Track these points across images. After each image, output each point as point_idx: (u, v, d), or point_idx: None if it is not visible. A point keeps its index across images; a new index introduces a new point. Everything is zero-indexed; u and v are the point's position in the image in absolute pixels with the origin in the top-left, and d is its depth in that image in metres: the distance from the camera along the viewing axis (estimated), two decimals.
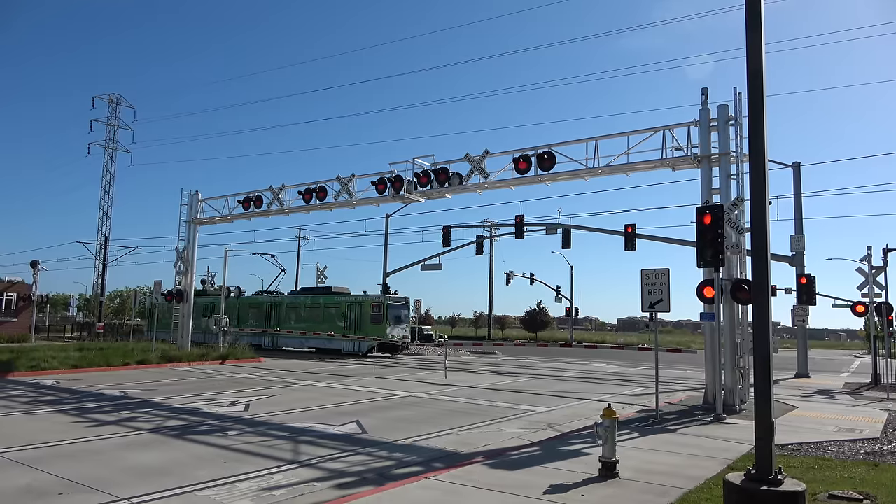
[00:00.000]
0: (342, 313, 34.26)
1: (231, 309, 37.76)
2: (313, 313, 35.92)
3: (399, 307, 34.08)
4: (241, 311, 39.34)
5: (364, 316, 33.21)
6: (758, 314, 6.15)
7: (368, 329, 32.81)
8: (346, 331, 33.63)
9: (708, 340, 15.00)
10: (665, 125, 16.44)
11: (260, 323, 38.14)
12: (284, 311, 37.30)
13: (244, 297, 40.51)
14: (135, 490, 7.21)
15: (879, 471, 8.63)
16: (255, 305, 39.34)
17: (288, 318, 36.91)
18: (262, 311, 38.63)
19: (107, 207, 62.61)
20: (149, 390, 16.76)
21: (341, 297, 35.33)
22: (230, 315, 37.78)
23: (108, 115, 65.73)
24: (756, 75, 6.19)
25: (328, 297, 36.05)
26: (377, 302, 33.21)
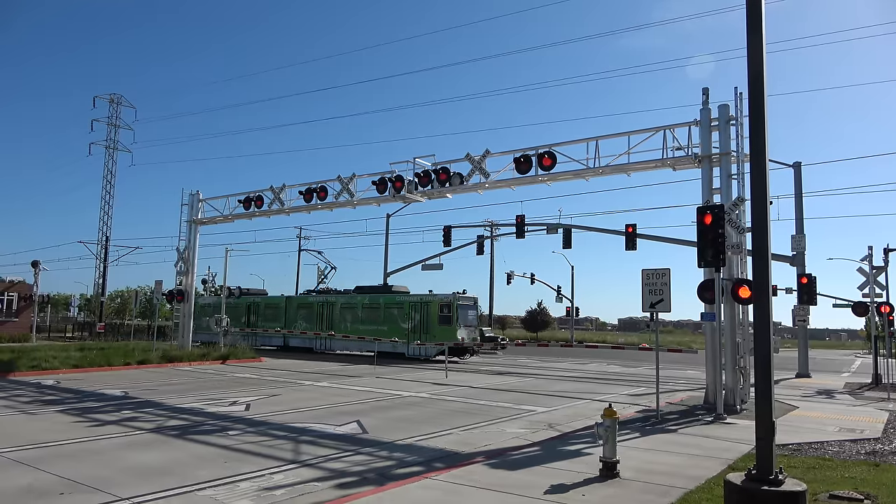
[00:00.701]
0: (406, 314, 31.64)
1: (277, 310, 37.04)
2: (372, 314, 33.24)
3: (468, 307, 31.48)
4: (289, 311, 36.92)
5: (431, 317, 30.58)
6: (758, 314, 6.15)
7: (436, 331, 30.23)
8: (411, 333, 31.19)
9: (709, 340, 15.00)
10: (666, 125, 16.45)
11: (310, 325, 35.51)
12: (339, 312, 34.46)
13: (293, 296, 38.41)
14: (136, 490, 7.22)
15: (880, 471, 8.63)
16: (305, 306, 36.45)
17: (343, 320, 34.16)
18: (313, 311, 35.75)
19: (108, 207, 62.70)
20: (150, 390, 16.77)
21: (404, 297, 32.79)
22: (276, 317, 36.93)
23: (108, 115, 65.85)
24: (757, 77, 6.20)
25: (389, 296, 33.46)
26: (446, 302, 30.46)
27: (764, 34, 6.23)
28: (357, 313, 33.84)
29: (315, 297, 36.87)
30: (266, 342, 37.24)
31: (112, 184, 63.86)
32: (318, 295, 37.14)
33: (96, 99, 65.62)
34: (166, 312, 48.91)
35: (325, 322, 34.80)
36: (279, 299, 37.86)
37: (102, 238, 58.46)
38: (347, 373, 23.47)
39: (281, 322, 36.62)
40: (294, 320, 36.27)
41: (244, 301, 39.07)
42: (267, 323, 37.40)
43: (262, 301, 38.86)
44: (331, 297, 35.58)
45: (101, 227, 61.22)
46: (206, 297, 42.09)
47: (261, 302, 38.76)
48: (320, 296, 36.78)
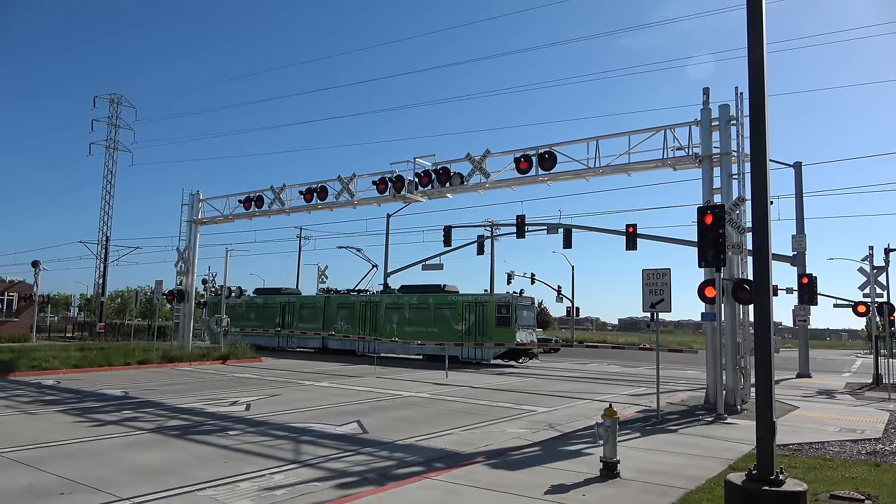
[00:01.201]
0: (459, 315, 29.63)
1: (314, 310, 35.18)
2: (420, 315, 31.11)
3: (526, 308, 29.67)
4: (328, 312, 34.64)
5: (488, 318, 28.72)
6: (759, 314, 6.14)
7: (493, 333, 28.47)
8: (465, 335, 29.30)
9: (709, 340, 14.99)
10: (666, 125, 16.45)
11: (352, 326, 33.35)
12: (384, 313, 32.37)
13: (332, 296, 35.76)
14: (136, 490, 7.21)
15: (881, 471, 8.62)
16: (346, 306, 34.08)
17: (388, 321, 32.04)
18: (355, 312, 33.51)
19: (108, 207, 62.72)
20: (150, 390, 16.77)
21: (456, 297, 30.68)
22: (314, 317, 34.86)
23: (108, 115, 65.87)
24: (757, 71, 6.18)
25: (440, 296, 31.21)
26: (504, 302, 28.82)
27: (764, 30, 6.22)
28: (404, 314, 31.77)
29: (357, 296, 34.72)
30: (302, 344, 35.58)
31: (112, 184, 63.91)
32: (361, 294, 35.12)
33: (96, 99, 65.68)
34: (166, 312, 48.90)
35: (368, 323, 32.81)
36: (317, 299, 35.96)
37: (103, 238, 58.48)
38: (348, 373, 23.46)
39: (319, 323, 34.65)
40: (334, 321, 34.21)
41: (278, 301, 37.31)
42: (303, 324, 35.40)
43: (298, 301, 36.79)
44: (374, 297, 33.68)
45: (101, 227, 61.26)
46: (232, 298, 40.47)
47: (296, 302, 36.70)
48: (363, 295, 34.74)
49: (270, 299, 37.89)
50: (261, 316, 37.47)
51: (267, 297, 38.58)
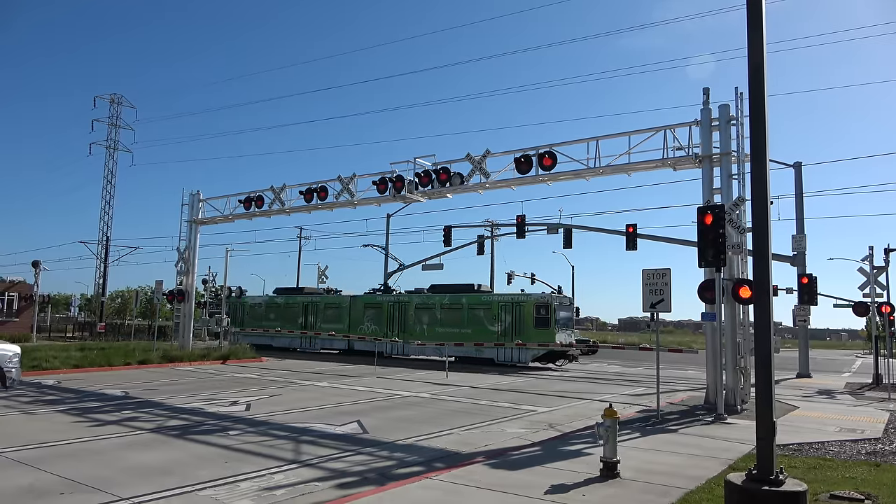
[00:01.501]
0: (494, 316, 28.55)
1: (339, 310, 34.16)
2: (452, 316, 29.95)
3: (565, 308, 28.71)
4: (353, 312, 33.62)
5: (525, 319, 27.56)
6: (759, 314, 6.14)
7: (532, 334, 27.27)
8: (501, 337, 28.18)
9: (709, 340, 14.99)
10: (666, 125, 16.46)
11: (379, 327, 32.17)
12: (413, 313, 31.32)
13: (358, 295, 34.65)
14: (136, 490, 7.22)
15: (881, 471, 8.62)
16: (373, 306, 33.06)
17: (417, 322, 31.00)
18: (382, 312, 32.49)
19: (108, 207, 62.74)
20: (150, 390, 16.77)
21: (491, 297, 29.87)
22: (339, 318, 33.86)
23: (109, 116, 65.89)
24: (757, 71, 6.18)
25: (474, 296, 30.24)
26: (543, 302, 27.65)
27: (764, 30, 6.22)
28: (435, 314, 30.61)
29: (385, 296, 33.75)
30: (326, 346, 34.53)
31: (112, 184, 63.94)
32: (389, 294, 34.19)
33: (97, 99, 65.70)
34: (167, 312, 48.91)
35: (396, 324, 31.77)
36: (342, 299, 34.90)
37: (103, 238, 58.50)
38: (348, 373, 23.47)
39: (344, 324, 33.52)
40: (360, 322, 33.12)
41: (300, 301, 36.21)
42: (328, 324, 34.21)
43: (322, 300, 35.56)
44: (403, 297, 32.66)
45: (101, 227, 61.28)
46: (255, 297, 39.70)
47: (320, 301, 35.49)
48: (391, 295, 33.79)
49: (292, 299, 36.85)
50: (282, 316, 36.48)
51: (288, 296, 37.49)
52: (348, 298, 34.39)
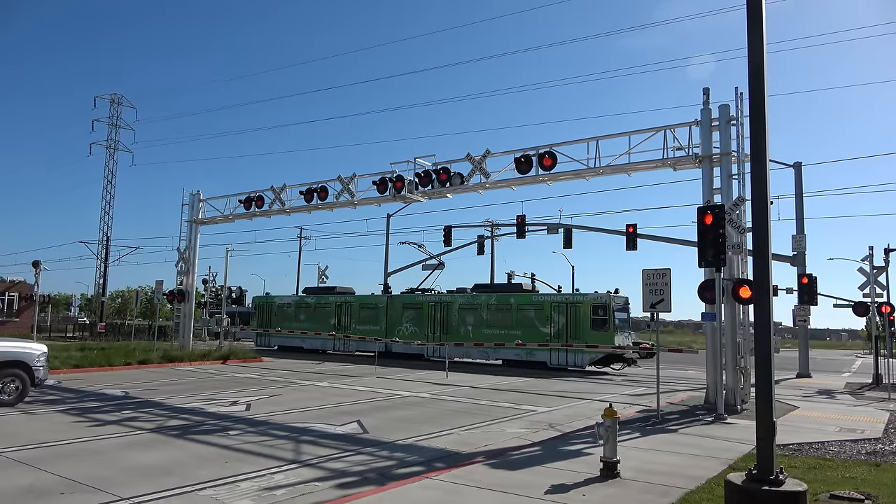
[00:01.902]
0: (547, 317, 26.94)
1: (376, 311, 32.66)
2: (500, 317, 28.39)
3: (623, 308, 27.00)
4: (391, 313, 32.05)
5: (582, 320, 25.94)
6: (759, 314, 6.14)
7: (588, 336, 25.59)
8: (555, 339, 26.52)
9: (709, 340, 15.00)
10: (666, 125, 16.47)
11: (419, 329, 30.65)
12: (456, 314, 29.71)
13: (396, 295, 33.18)
14: (136, 490, 7.22)
15: (881, 471, 8.63)
16: (413, 306, 31.49)
17: (462, 323, 29.43)
18: (423, 313, 30.84)
19: (108, 207, 62.88)
20: (150, 390, 16.78)
21: (542, 297, 28.29)
22: (375, 319, 32.38)
23: (109, 115, 66.05)
24: (757, 71, 6.18)
25: (523, 296, 28.91)
26: (601, 302, 25.97)
27: (764, 30, 6.22)
28: (480, 315, 29.04)
29: (425, 296, 32.15)
30: (362, 348, 32.39)
31: (113, 184, 64.07)
32: (430, 294, 32.51)
33: (97, 99, 66.00)
34: (167, 312, 48.94)
35: (438, 325, 30.12)
36: (379, 299, 33.30)
37: (103, 238, 58.59)
38: (348, 373, 23.47)
39: (381, 325, 31.98)
40: (398, 323, 31.57)
41: (333, 301, 34.48)
42: (363, 326, 32.61)
43: (357, 301, 33.93)
44: (445, 297, 30.91)
45: (101, 227, 61.45)
46: (284, 296, 38.15)
47: (354, 302, 33.87)
48: (432, 295, 32.14)
49: (324, 299, 35.23)
50: (312, 317, 34.95)
51: (320, 296, 35.89)
52: (385, 298, 32.98)
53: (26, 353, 13.71)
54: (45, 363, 14.14)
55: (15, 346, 13.96)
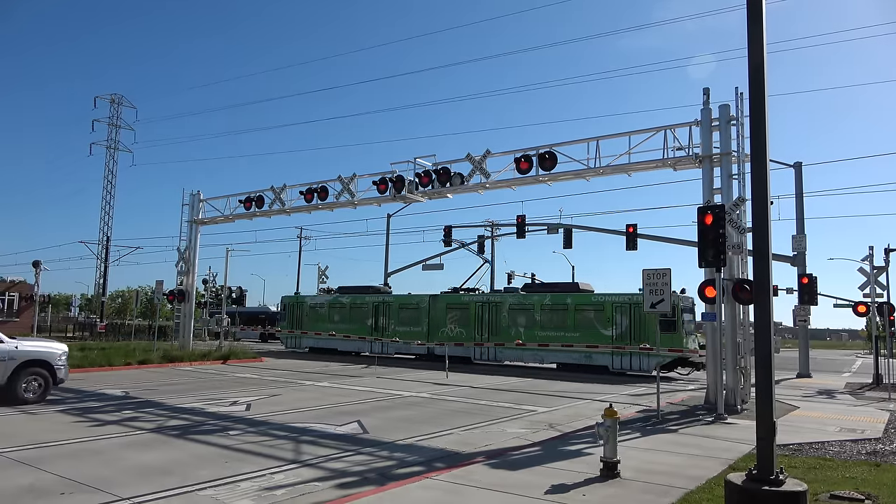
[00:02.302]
0: (608, 318, 25.22)
1: (417, 311, 31.06)
2: (555, 318, 26.59)
3: (689, 310, 25.26)
4: (434, 314, 30.39)
5: (647, 321, 24.01)
6: (759, 314, 6.14)
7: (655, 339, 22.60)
8: (617, 341, 24.92)
9: (709, 340, 15.00)
10: (666, 125, 16.47)
11: (465, 330, 29.10)
12: (506, 315, 28.09)
13: (439, 295, 31.41)
14: (136, 490, 7.22)
15: (881, 471, 8.62)
16: (458, 307, 29.81)
17: (513, 325, 27.78)
18: (470, 314, 29.25)
19: (108, 207, 62.92)
20: (150, 390, 16.78)
21: (603, 297, 26.09)
22: (416, 320, 30.84)
23: (109, 116, 66.06)
24: (757, 71, 6.18)
25: (581, 296, 26.92)
26: None
27: (765, 30, 6.22)
28: (533, 316, 27.31)
29: (472, 296, 30.56)
30: (402, 350, 31.05)
31: (113, 184, 64.12)
32: (477, 294, 31.02)
33: (97, 99, 66.02)
34: (167, 312, 48.95)
35: (486, 327, 28.57)
36: (420, 298, 31.51)
37: (103, 238, 58.63)
38: (348, 373, 23.47)
39: (423, 326, 30.48)
40: (441, 325, 29.90)
41: (370, 301, 33.02)
42: (403, 327, 31.19)
43: (396, 300, 32.35)
44: (494, 297, 29.48)
45: (101, 227, 61.48)
46: (316, 296, 36.46)
47: (394, 302, 32.29)
48: (479, 294, 30.72)
49: (360, 299, 33.67)
50: (347, 318, 33.50)
51: (356, 296, 34.17)
52: (427, 298, 31.18)
53: (49, 353, 14.12)
54: (66, 363, 14.50)
55: (38, 346, 14.40)
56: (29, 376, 13.64)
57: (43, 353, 14.04)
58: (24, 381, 13.57)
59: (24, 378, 13.56)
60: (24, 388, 13.58)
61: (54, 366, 14.06)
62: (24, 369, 13.56)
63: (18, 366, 13.49)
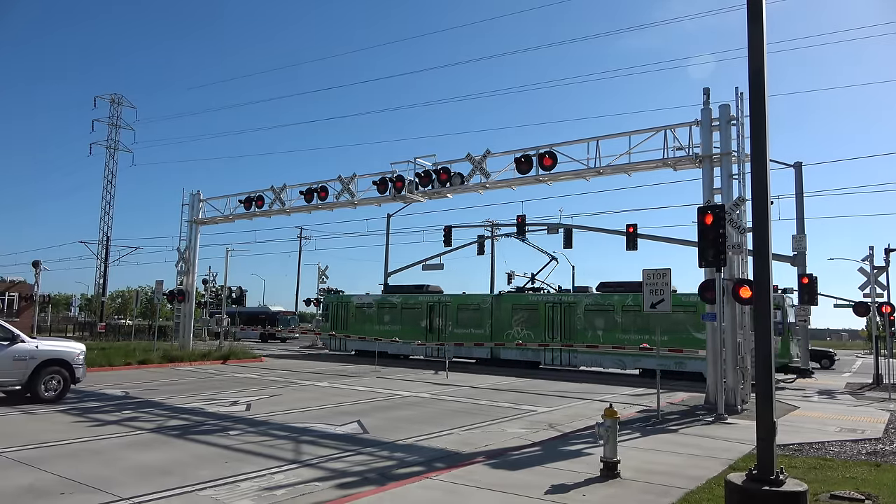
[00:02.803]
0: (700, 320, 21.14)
1: (479, 312, 29.12)
2: (639, 320, 24.27)
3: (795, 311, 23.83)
4: (498, 315, 28.58)
5: None
6: (759, 314, 6.14)
7: None
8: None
9: (709, 340, 15.00)
10: (667, 125, 16.46)
11: (534, 332, 27.22)
12: (581, 317, 26.03)
13: (503, 294, 30.09)
14: (136, 490, 7.22)
15: (881, 471, 8.62)
16: (526, 307, 27.89)
17: (590, 327, 25.70)
18: (540, 315, 27.24)
19: (108, 207, 62.90)
20: (150, 390, 16.78)
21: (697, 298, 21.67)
22: (478, 321, 28.99)
23: (109, 116, 66.06)
24: (758, 71, 6.18)
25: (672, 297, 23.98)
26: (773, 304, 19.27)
27: (765, 30, 6.22)
28: (613, 318, 25.18)
29: (541, 296, 28.67)
30: (461, 354, 28.84)
31: (113, 184, 64.13)
32: (547, 294, 29.10)
33: (97, 99, 66.01)
34: (167, 312, 48.96)
35: (559, 329, 26.60)
36: (482, 298, 29.80)
37: (103, 238, 58.62)
38: (348, 373, 23.48)
39: (485, 328, 28.67)
40: (506, 326, 28.08)
41: (423, 300, 31.09)
42: (462, 329, 29.33)
43: (455, 301, 30.24)
44: (568, 297, 27.17)
45: (101, 227, 61.46)
46: (362, 295, 34.27)
47: (451, 302, 30.21)
48: (550, 294, 28.73)
49: (412, 298, 31.75)
50: (397, 319, 31.71)
51: (407, 295, 32.23)
52: (490, 298, 29.51)
53: (68, 353, 14.45)
54: (83, 362, 14.76)
55: (58, 345, 14.76)
56: (48, 375, 13.94)
57: (62, 352, 14.35)
58: (44, 380, 13.86)
59: (44, 377, 13.86)
60: (44, 387, 13.85)
61: (73, 365, 14.34)
62: (43, 368, 13.87)
63: (38, 365, 13.79)
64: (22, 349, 13.61)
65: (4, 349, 13.39)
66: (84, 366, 14.76)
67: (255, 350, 32.19)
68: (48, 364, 13.94)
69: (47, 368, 13.92)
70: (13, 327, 14.31)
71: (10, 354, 13.40)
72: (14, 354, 13.47)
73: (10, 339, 13.60)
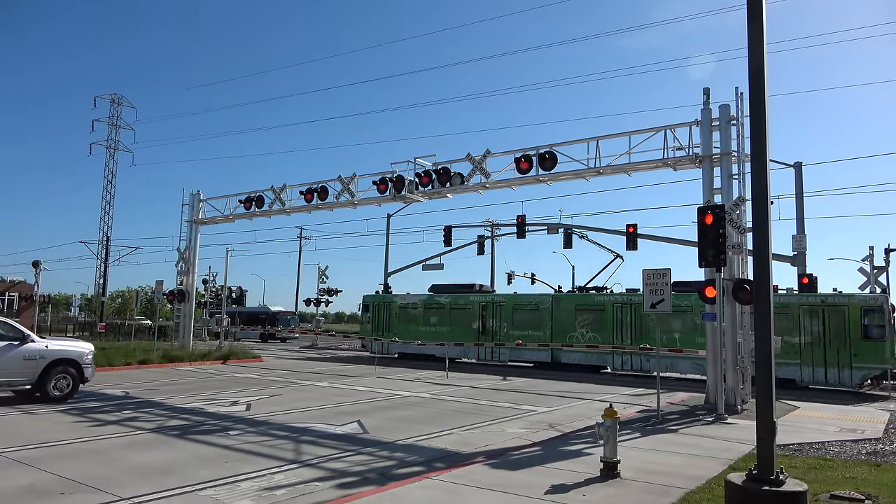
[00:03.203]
0: (795, 323, 21.51)
1: (538, 313, 27.77)
2: None
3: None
4: (558, 316, 27.12)
5: (848, 328, 20.54)
6: (759, 314, 6.14)
7: (857, 349, 20.23)
8: (806, 350, 21.29)
9: (709, 340, 14.99)
10: (667, 125, 16.45)
11: (600, 334, 25.82)
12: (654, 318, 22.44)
13: (564, 294, 29.01)
14: (136, 490, 7.22)
15: (881, 471, 8.62)
16: (589, 308, 26.58)
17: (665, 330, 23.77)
18: (605, 316, 26.01)
19: (108, 207, 62.92)
20: (150, 390, 16.78)
21: (788, 298, 22.81)
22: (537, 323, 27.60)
23: (109, 116, 66.09)
24: (758, 72, 6.19)
25: None
26: (874, 306, 20.50)
27: (765, 30, 6.22)
28: (691, 320, 23.38)
29: (607, 296, 27.27)
30: (517, 357, 28.05)
31: (113, 184, 64.17)
32: (615, 294, 27.47)
33: (97, 99, 66.12)
34: (167, 312, 48.94)
35: (629, 332, 25.33)
36: (540, 299, 28.37)
37: (103, 238, 58.66)
38: (348, 373, 23.47)
39: (544, 330, 27.27)
40: (568, 328, 26.73)
41: (475, 301, 29.72)
42: (518, 331, 27.96)
43: (510, 301, 29.05)
44: (638, 297, 24.09)
45: (101, 227, 61.48)
46: (407, 295, 32.66)
47: (506, 302, 29.00)
48: (616, 295, 27.06)
49: (462, 298, 30.29)
50: (446, 320, 30.30)
51: (457, 295, 30.74)
52: (550, 298, 28.03)
53: (77, 352, 14.56)
54: (92, 362, 14.88)
55: (67, 345, 14.87)
56: (58, 375, 14.03)
57: (71, 352, 14.46)
58: (54, 380, 13.95)
59: (54, 376, 13.95)
60: (54, 387, 13.95)
61: (82, 364, 14.46)
62: (53, 368, 13.96)
63: (48, 364, 13.87)
64: (32, 349, 13.68)
65: (15, 349, 13.45)
66: (93, 365, 14.87)
67: (255, 350, 32.22)
68: (57, 364, 14.04)
69: (57, 368, 14.01)
70: (23, 327, 14.35)
71: (20, 354, 13.48)
72: (24, 354, 13.54)
73: (21, 339, 13.66)
